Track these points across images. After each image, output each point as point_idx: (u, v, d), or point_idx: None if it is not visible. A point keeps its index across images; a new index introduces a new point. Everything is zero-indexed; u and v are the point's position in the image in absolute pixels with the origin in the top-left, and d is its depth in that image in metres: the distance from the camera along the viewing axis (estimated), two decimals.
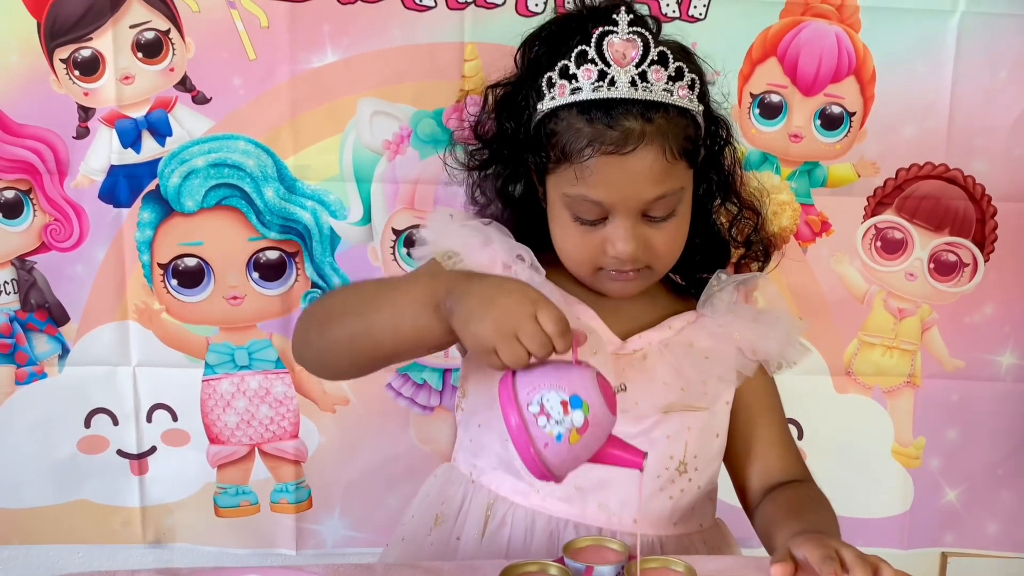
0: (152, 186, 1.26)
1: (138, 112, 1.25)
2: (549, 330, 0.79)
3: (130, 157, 1.26)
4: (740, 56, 1.28)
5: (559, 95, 0.93)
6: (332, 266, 1.30)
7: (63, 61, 1.22)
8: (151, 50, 1.23)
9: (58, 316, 1.30)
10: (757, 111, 1.30)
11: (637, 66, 0.91)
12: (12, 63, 1.22)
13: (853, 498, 1.36)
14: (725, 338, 1.01)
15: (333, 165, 1.27)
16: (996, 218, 1.33)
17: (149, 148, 1.26)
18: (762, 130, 1.31)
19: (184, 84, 1.24)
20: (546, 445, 0.77)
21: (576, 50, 0.92)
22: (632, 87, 0.91)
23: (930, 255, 1.35)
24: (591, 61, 0.92)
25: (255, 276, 1.30)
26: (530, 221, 1.02)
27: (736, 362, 1.01)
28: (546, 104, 0.95)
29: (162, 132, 1.25)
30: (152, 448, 1.35)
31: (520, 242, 0.98)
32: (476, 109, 1.16)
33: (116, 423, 1.33)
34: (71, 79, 1.23)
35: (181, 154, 1.26)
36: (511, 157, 1.02)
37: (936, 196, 1.33)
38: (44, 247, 1.28)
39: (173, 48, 1.23)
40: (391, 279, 1.10)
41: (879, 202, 1.33)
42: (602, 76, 0.91)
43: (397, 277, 1.06)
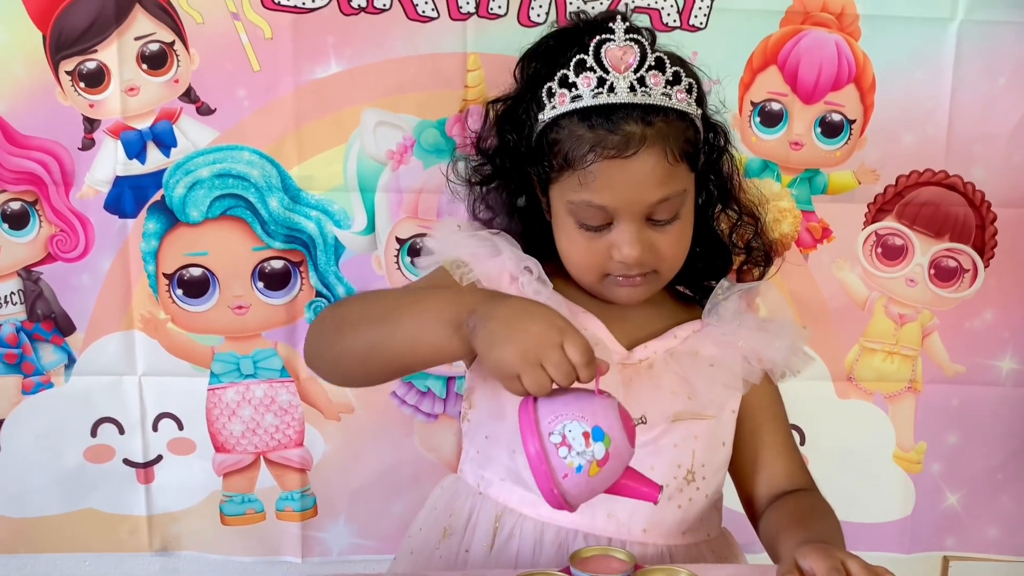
0: (157, 197, 1.27)
1: (143, 123, 1.25)
2: (575, 360, 0.79)
3: (135, 168, 1.26)
4: (741, 65, 1.28)
5: (560, 104, 0.95)
6: (336, 275, 1.30)
7: (68, 73, 1.23)
8: (156, 62, 1.23)
9: (64, 326, 1.30)
10: (758, 119, 1.31)
11: (635, 71, 0.93)
12: (18, 75, 1.22)
13: (855, 503, 1.37)
14: (730, 346, 1.02)
15: (337, 175, 1.28)
16: (996, 224, 1.33)
17: (154, 159, 1.26)
18: (763, 138, 1.31)
19: (189, 95, 1.24)
20: (565, 476, 0.77)
21: (575, 59, 0.94)
22: (631, 92, 0.92)
23: (930, 261, 1.35)
24: (590, 69, 0.93)
25: (260, 286, 1.30)
26: (534, 233, 1.03)
27: (742, 370, 1.02)
28: (547, 114, 0.96)
29: (167, 143, 1.26)
30: (158, 457, 1.35)
31: (525, 254, 0.99)
32: (477, 120, 1.17)
33: (122, 432, 1.34)
34: (76, 91, 1.23)
35: (186, 165, 1.26)
36: (514, 170, 1.03)
37: (936, 202, 1.33)
38: (50, 258, 1.28)
39: (177, 60, 1.23)
40: (412, 290, 1.08)
41: (879, 209, 1.33)
42: (601, 83, 0.93)
43: (419, 288, 1.05)
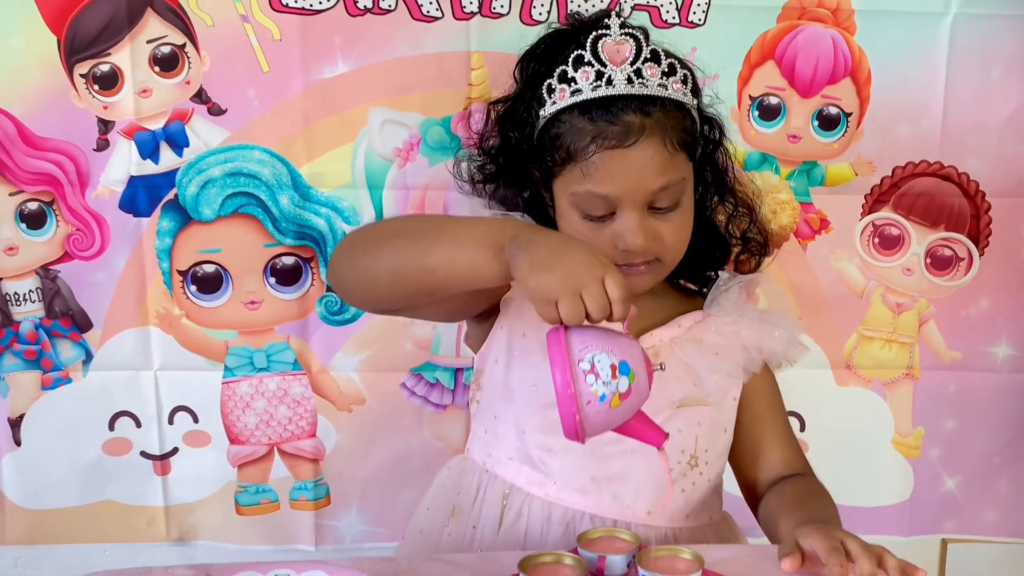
0: (171, 195, 1.29)
1: (156, 124, 1.27)
2: (614, 295, 0.80)
3: (149, 168, 1.28)
4: (739, 60, 1.30)
5: (560, 99, 0.98)
6: None
7: (83, 76, 1.25)
8: (168, 64, 1.26)
9: (82, 323, 1.33)
10: (756, 113, 1.32)
11: (632, 64, 0.96)
12: (34, 79, 1.24)
13: (855, 487, 1.39)
14: (732, 336, 1.05)
15: (346, 173, 1.30)
16: (990, 213, 1.35)
17: (167, 159, 1.28)
18: (761, 131, 1.33)
19: (200, 96, 1.27)
20: (588, 403, 0.79)
21: (573, 55, 0.97)
22: (629, 84, 0.95)
23: (926, 250, 1.37)
24: (588, 63, 0.96)
25: (272, 281, 1.33)
26: None
27: (743, 359, 1.05)
28: (548, 109, 0.99)
29: (179, 143, 1.28)
30: (174, 449, 1.37)
31: None
32: (480, 117, 1.20)
33: (139, 425, 1.36)
34: (91, 93, 1.26)
35: (198, 164, 1.28)
36: (517, 168, 1.06)
37: (931, 193, 1.35)
38: (67, 256, 1.30)
39: (189, 62, 1.26)
40: (453, 216, 1.07)
41: (876, 200, 1.35)
42: (599, 76, 0.96)
43: (459, 216, 1.05)
